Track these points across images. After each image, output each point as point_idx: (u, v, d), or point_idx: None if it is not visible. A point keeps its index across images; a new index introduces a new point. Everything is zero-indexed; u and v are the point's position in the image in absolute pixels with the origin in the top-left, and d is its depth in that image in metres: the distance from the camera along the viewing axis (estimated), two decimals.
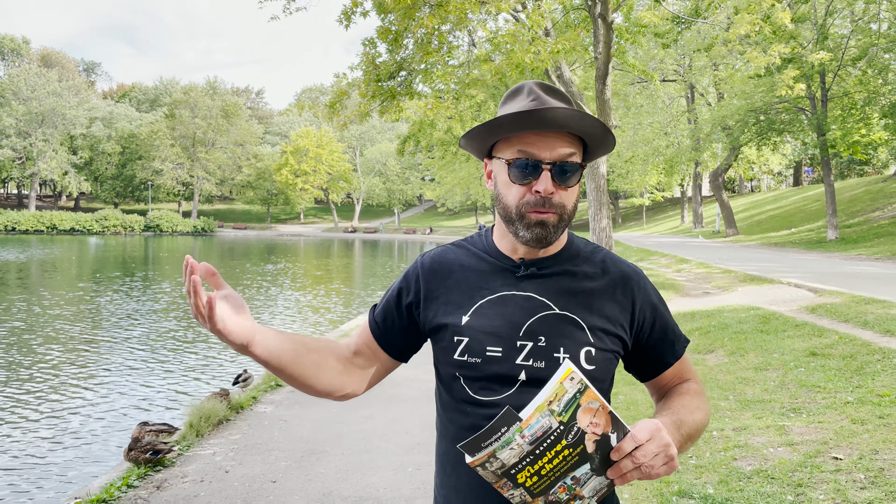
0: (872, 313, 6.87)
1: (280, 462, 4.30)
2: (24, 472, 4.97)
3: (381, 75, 8.88)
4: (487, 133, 1.14)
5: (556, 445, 0.95)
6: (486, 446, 0.93)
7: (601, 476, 0.98)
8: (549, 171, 1.10)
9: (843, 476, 3.42)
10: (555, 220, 1.12)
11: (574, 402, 0.94)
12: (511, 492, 0.96)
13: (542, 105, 1.09)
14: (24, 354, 9.13)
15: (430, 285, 1.22)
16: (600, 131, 1.12)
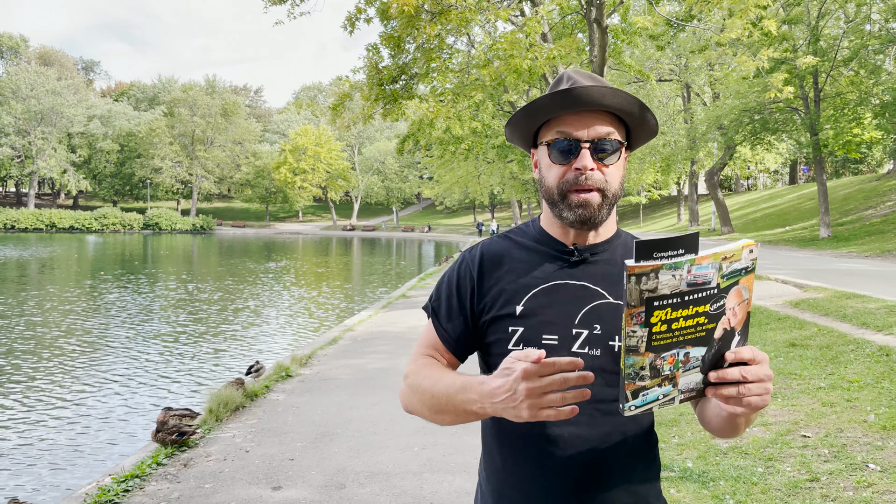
0: (852, 307, 7.25)
1: (296, 443, 4.65)
2: (59, 453, 5.38)
3: (384, 79, 9.24)
4: (526, 118, 1.16)
5: (700, 306, 0.91)
6: (657, 257, 0.88)
7: (700, 375, 0.94)
8: (588, 149, 1.11)
9: (810, 451, 3.78)
10: (598, 199, 1.12)
11: (738, 275, 0.91)
12: (635, 328, 0.90)
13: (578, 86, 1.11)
14: (44, 348, 9.53)
15: (482, 279, 1.21)
16: (637, 108, 1.13)
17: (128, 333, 10.70)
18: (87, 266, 25.40)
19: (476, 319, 1.21)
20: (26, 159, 69.18)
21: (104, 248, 37.90)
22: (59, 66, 76.39)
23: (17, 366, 8.34)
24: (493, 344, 1.18)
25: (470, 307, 1.21)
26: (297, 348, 8.69)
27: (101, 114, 74.56)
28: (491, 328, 1.18)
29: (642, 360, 0.91)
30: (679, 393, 0.95)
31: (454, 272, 1.25)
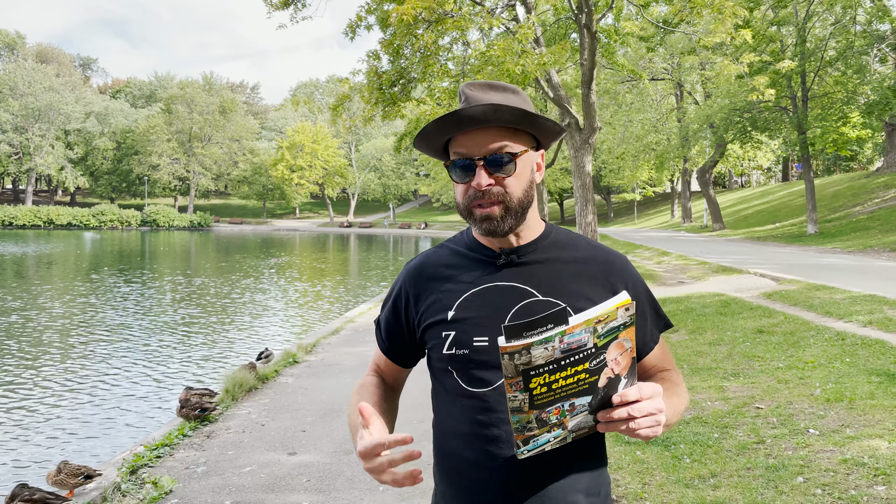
0: (819, 298, 7.79)
1: (307, 418, 5.16)
2: (93, 427, 5.97)
3: (384, 83, 9.74)
4: (424, 142, 1.19)
5: (579, 365, 0.94)
6: (527, 335, 0.92)
7: (590, 416, 0.98)
8: (482, 167, 1.14)
9: (761, 420, 4.31)
10: (500, 211, 1.15)
11: (616, 332, 0.94)
12: (516, 394, 0.94)
13: (467, 106, 1.14)
14: (69, 337, 10.14)
15: (417, 290, 1.25)
16: (521, 117, 1.14)
17: (146, 324, 11.37)
18: (93, 262, 25.85)
19: (415, 329, 1.25)
20: (24, 156, 69.36)
21: (105, 245, 38.26)
22: (56, 63, 76.47)
23: (49, 353, 8.95)
24: (431, 349, 1.22)
25: (406, 318, 1.26)
26: (302, 337, 9.22)
27: (99, 111, 74.71)
28: (427, 335, 1.22)
29: (528, 416, 0.96)
30: (570, 433, 0.99)
31: (394, 287, 1.31)
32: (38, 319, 11.61)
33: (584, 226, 13.96)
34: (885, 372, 4.82)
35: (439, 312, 1.20)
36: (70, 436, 5.77)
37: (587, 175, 13.56)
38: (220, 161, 74.81)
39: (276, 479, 3.94)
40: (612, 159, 39.48)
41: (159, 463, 4.32)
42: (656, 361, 1.25)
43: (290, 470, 4.08)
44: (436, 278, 1.24)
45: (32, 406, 6.62)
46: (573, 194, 14.55)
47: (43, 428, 6.02)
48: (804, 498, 3.20)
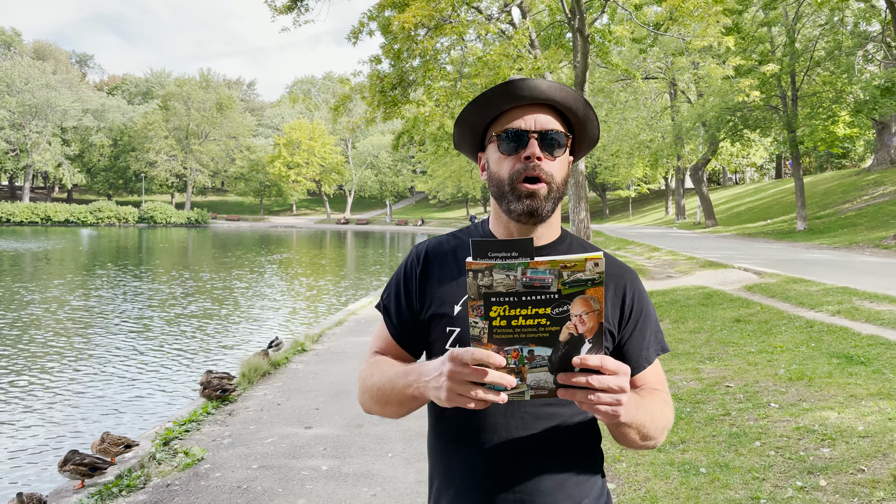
0: (795, 290, 8.29)
1: (319, 398, 5.63)
2: (124, 406, 6.52)
3: (385, 86, 10.19)
4: (474, 113, 1.17)
5: (541, 308, 0.93)
6: (491, 256, 0.93)
7: (551, 375, 0.96)
8: (536, 139, 1.13)
9: (729, 396, 4.80)
10: (545, 191, 1.13)
11: (583, 286, 0.93)
12: (476, 319, 0.95)
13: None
14: (94, 329, 10.71)
15: (425, 277, 1.22)
16: (582, 105, 1.15)
17: (163, 315, 12.01)
18: (99, 258, 26.23)
19: (420, 315, 1.23)
20: (21, 153, 69.46)
21: (106, 242, 38.58)
22: (53, 60, 76.50)
23: (78, 344, 9.52)
24: (433, 343, 1.21)
25: (416, 303, 1.23)
26: (308, 328, 9.69)
27: (96, 108, 74.82)
28: (431, 326, 1.20)
29: (486, 349, 0.94)
30: (528, 388, 0.97)
31: (401, 270, 1.27)
32: (60, 313, 12.17)
33: (577, 222, 14.45)
34: (844, 355, 5.31)
35: (445, 305, 1.18)
36: (103, 416, 6.30)
37: (580, 173, 14.03)
38: (217, 158, 75.03)
39: (295, 448, 4.41)
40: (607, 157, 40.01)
41: (188, 436, 4.78)
42: (648, 380, 1.22)
43: (307, 441, 4.56)
44: (446, 267, 1.21)
45: (71, 388, 7.24)
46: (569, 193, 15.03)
47: (81, 407, 6.60)
48: (759, 458, 3.69)
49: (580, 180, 14.09)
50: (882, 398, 4.28)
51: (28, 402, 6.68)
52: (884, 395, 4.32)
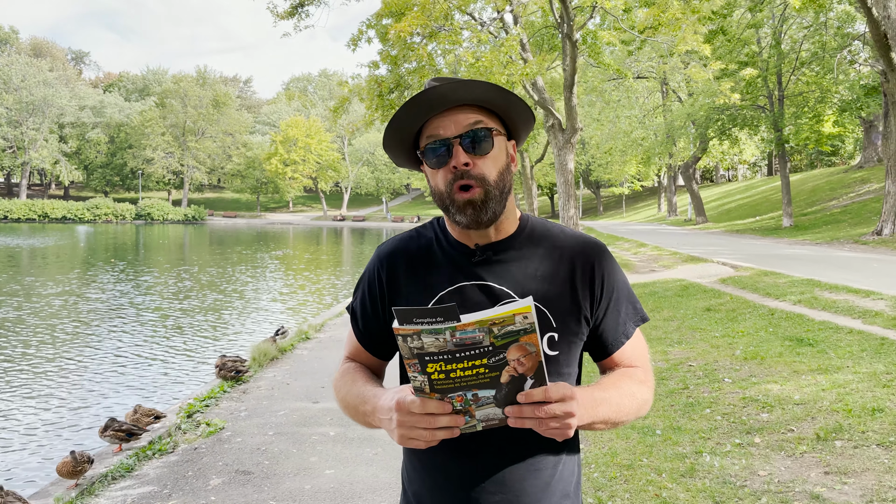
0: (765, 282, 8.91)
1: (324, 379, 6.20)
2: (149, 385, 7.19)
3: (383, 91, 10.75)
4: (397, 133, 1.13)
5: (477, 360, 0.94)
6: (417, 322, 0.93)
7: (499, 408, 0.98)
8: (459, 145, 1.09)
9: (690, 374, 5.40)
10: (481, 195, 1.10)
11: (514, 336, 0.94)
12: (415, 374, 0.96)
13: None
14: (114, 318, 11.47)
15: (391, 276, 1.20)
16: (495, 93, 1.10)
17: (176, 306, 12.83)
18: (101, 255, 26.74)
19: (390, 320, 1.19)
20: (18, 150, 69.64)
21: (106, 238, 39.01)
22: (50, 57, 76.61)
23: (97, 332, 10.29)
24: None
25: (381, 308, 1.20)
26: (311, 318, 10.27)
27: (94, 105, 75.01)
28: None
29: (430, 398, 0.96)
30: (479, 422, 0.99)
31: (366, 273, 1.24)
32: (81, 305, 12.92)
33: (567, 219, 15.05)
34: (796, 338, 5.92)
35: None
36: (131, 393, 7.00)
37: (569, 172, 14.63)
38: (213, 155, 75.35)
39: (305, 419, 4.99)
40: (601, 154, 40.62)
41: (208, 410, 5.35)
42: (624, 357, 1.21)
43: (315, 413, 5.14)
44: (410, 269, 1.18)
45: (102, 369, 8.03)
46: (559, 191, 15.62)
47: (113, 384, 7.36)
48: (707, 422, 4.28)
49: (569, 179, 14.69)
50: (820, 373, 4.89)
51: (67, 380, 7.48)
52: (822, 371, 4.93)
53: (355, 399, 1.16)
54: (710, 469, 3.57)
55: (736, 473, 3.50)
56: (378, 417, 1.07)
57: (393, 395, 1.02)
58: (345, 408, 1.21)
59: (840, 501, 3.10)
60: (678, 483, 3.43)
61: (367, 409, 1.11)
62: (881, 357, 5.06)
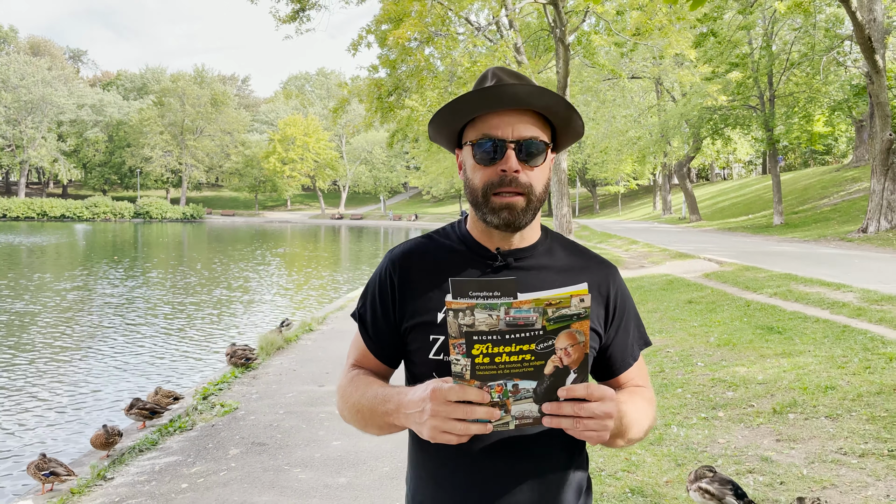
0: (745, 277, 9.36)
1: (328, 365, 6.64)
2: (164, 371, 7.72)
3: (382, 94, 11.18)
4: (450, 116, 1.13)
5: (525, 344, 0.92)
6: (472, 296, 0.92)
7: (536, 405, 0.95)
8: (513, 150, 1.08)
9: (667, 359, 5.84)
10: (522, 203, 1.10)
11: (568, 321, 0.92)
12: (458, 357, 0.93)
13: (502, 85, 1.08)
14: (128, 311, 12.14)
15: (403, 281, 1.17)
16: (563, 108, 1.11)
17: (186, 300, 13.54)
18: (104, 252, 27.17)
19: (399, 325, 1.17)
20: (17, 148, 69.84)
21: (107, 236, 39.35)
22: (49, 56, 76.78)
23: (115, 325, 10.87)
24: (414, 352, 1.16)
25: (392, 313, 1.18)
26: (314, 312, 10.71)
27: (93, 103, 75.21)
28: (412, 335, 1.15)
29: (469, 385, 0.94)
30: (513, 419, 0.96)
31: (377, 277, 1.21)
32: (95, 298, 13.64)
33: (560, 217, 15.49)
34: (767, 326, 6.37)
35: (426, 313, 1.14)
36: (149, 378, 7.52)
37: (563, 171, 15.07)
38: (212, 153, 75.60)
39: (312, 399, 5.42)
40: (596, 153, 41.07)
41: (221, 393, 5.78)
42: (632, 376, 1.23)
43: (321, 394, 5.57)
44: (424, 273, 1.16)
45: (121, 356, 8.66)
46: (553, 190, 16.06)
47: (132, 370, 7.93)
48: (678, 400, 4.73)
49: (563, 178, 15.13)
50: (784, 357, 5.34)
51: (89, 366, 8.12)
52: (786, 355, 5.38)
53: (372, 400, 1.12)
54: (676, 438, 4.02)
55: (699, 441, 3.95)
56: (404, 414, 1.04)
57: (426, 386, 0.99)
58: (356, 412, 1.16)
59: (786, 463, 3.55)
60: (646, 450, 3.87)
61: (390, 407, 1.07)
62: (840, 342, 5.52)
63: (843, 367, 4.88)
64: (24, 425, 5.93)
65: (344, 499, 3.54)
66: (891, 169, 17.71)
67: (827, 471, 3.40)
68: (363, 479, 3.79)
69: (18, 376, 7.45)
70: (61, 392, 6.91)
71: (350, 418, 1.19)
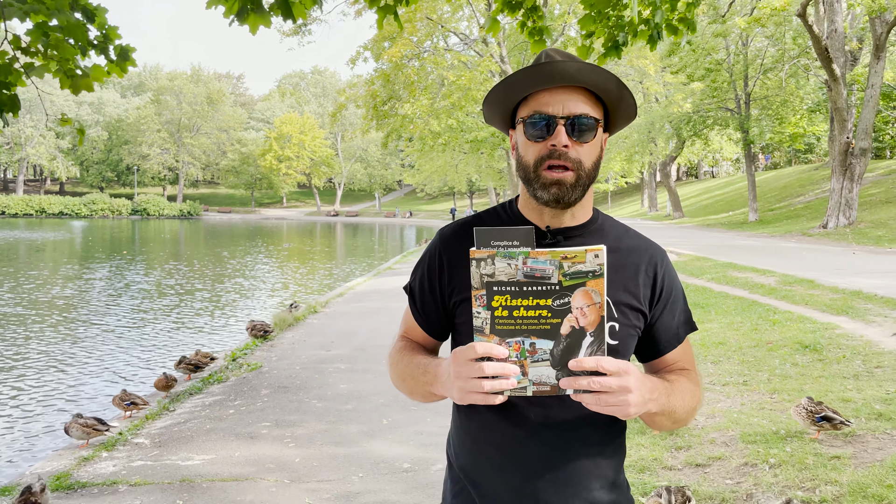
0: (695, 265, 10.74)
1: (332, 337, 7.96)
2: (198, 340, 9.00)
3: (378, 104, 12.49)
4: (504, 93, 1.16)
5: (541, 299, 0.95)
6: (493, 244, 0.95)
7: (553, 370, 0.97)
8: (564, 126, 1.11)
9: None
10: (572, 178, 1.12)
11: (583, 278, 0.94)
12: (479, 310, 0.96)
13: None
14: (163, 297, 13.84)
15: (451, 259, 1.21)
16: (615, 86, 1.13)
17: (208, 285, 15.38)
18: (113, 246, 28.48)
19: (447, 300, 1.22)
20: (15, 146, 70.69)
21: (107, 232, 40.42)
22: None
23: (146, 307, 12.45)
24: (461, 324, 1.20)
25: (440, 288, 1.22)
26: (317, 297, 12.06)
27: (91, 101, 76.06)
28: (460, 309, 1.19)
29: (488, 341, 0.97)
30: (530, 383, 0.98)
31: (427, 254, 1.27)
32: (125, 286, 15.31)
33: None
34: (693, 302, 7.73)
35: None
36: (184, 344, 9.01)
37: None
38: (208, 151, 76.64)
39: (322, 359, 6.75)
40: None
41: (246, 357, 7.10)
42: (677, 358, 1.25)
43: (329, 357, 6.89)
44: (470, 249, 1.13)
45: (166, 329, 10.41)
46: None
47: (177, 338, 9.64)
48: None
49: None
50: (698, 324, 6.70)
51: (133, 337, 9.77)
52: (699, 322, 6.74)
53: (415, 370, 1.19)
54: None
55: None
56: (440, 382, 1.10)
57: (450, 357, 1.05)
58: (402, 380, 1.23)
59: None
60: None
61: (429, 377, 1.14)
62: (744, 313, 6.89)
63: (738, 329, 6.25)
64: (101, 375, 7.54)
65: (350, 417, 4.87)
66: (848, 169, 19.13)
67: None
68: (364, 406, 5.12)
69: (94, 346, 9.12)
70: (126, 352, 8.71)
71: (399, 385, 1.27)
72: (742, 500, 3.01)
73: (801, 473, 3.15)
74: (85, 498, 3.72)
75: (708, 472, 3.39)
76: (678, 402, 1.13)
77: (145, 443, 4.61)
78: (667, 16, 4.78)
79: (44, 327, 10.09)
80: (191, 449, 4.38)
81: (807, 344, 5.46)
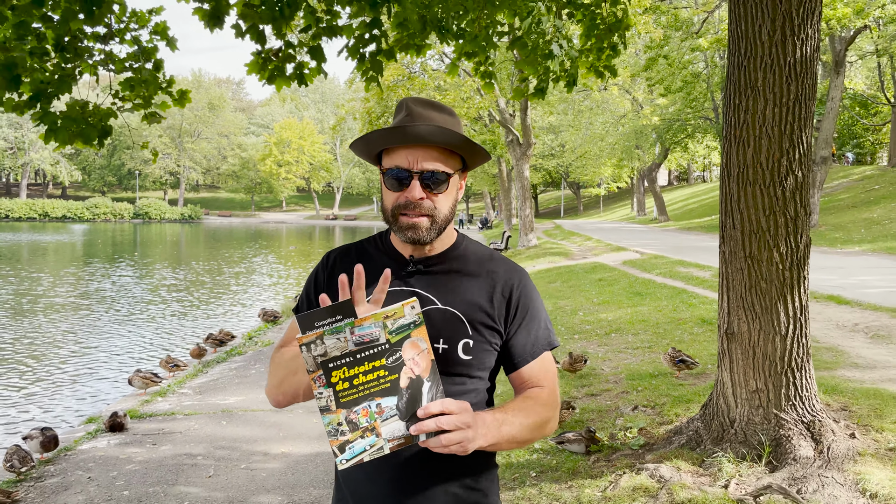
0: (650, 263, 12.19)
1: None
2: (219, 324, 10.43)
3: (372, 119, 13.95)
4: (365, 147, 1.30)
5: (376, 360, 1.01)
6: (318, 326, 1.00)
7: (402, 423, 1.04)
8: (418, 180, 1.24)
9: (560, 311, 8.62)
10: (427, 223, 1.25)
11: (407, 330, 1.02)
12: (321, 390, 1.01)
13: (411, 122, 1.24)
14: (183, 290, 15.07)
15: (329, 282, 1.34)
16: (464, 143, 1.26)
17: (224, 282, 17.11)
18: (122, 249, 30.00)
19: None
20: (19, 151, 72.00)
21: (112, 235, 41.64)
22: None
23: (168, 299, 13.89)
24: None
25: (316, 302, 1.26)
26: None
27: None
28: None
29: (337, 416, 1.02)
30: (385, 442, 1.04)
31: (311, 276, 1.40)
32: (145, 282, 17.09)
33: (523, 217, 18.30)
34: (636, 292, 9.18)
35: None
36: (211, 325, 10.44)
37: (526, 179, 17.87)
38: (209, 156, 77.94)
39: None
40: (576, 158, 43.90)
41: (260, 336, 8.53)
42: (531, 375, 1.32)
43: None
44: (348, 271, 1.23)
45: (192, 314, 12.19)
46: (517, 194, 18.76)
47: (200, 320, 11.35)
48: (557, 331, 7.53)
49: (526, 185, 17.93)
50: (631, 307, 8.14)
51: (163, 321, 11.40)
52: (633, 306, 8.18)
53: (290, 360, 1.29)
54: None
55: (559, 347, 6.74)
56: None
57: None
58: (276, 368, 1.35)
59: (591, 353, 6.32)
60: None
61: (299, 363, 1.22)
62: (671, 299, 8.34)
63: (661, 311, 7.69)
64: (147, 348, 9.07)
65: None
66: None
67: (614, 353, 6.19)
68: None
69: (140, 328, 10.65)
70: (166, 331, 10.52)
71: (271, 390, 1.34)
72: (612, 410, 4.46)
73: (654, 393, 4.60)
74: (154, 422, 5.15)
75: (598, 397, 4.84)
76: (513, 431, 1.20)
77: (189, 392, 6.05)
78: (595, 63, 6.21)
79: (100, 314, 11.93)
80: (226, 394, 5.82)
81: (706, 319, 6.91)
